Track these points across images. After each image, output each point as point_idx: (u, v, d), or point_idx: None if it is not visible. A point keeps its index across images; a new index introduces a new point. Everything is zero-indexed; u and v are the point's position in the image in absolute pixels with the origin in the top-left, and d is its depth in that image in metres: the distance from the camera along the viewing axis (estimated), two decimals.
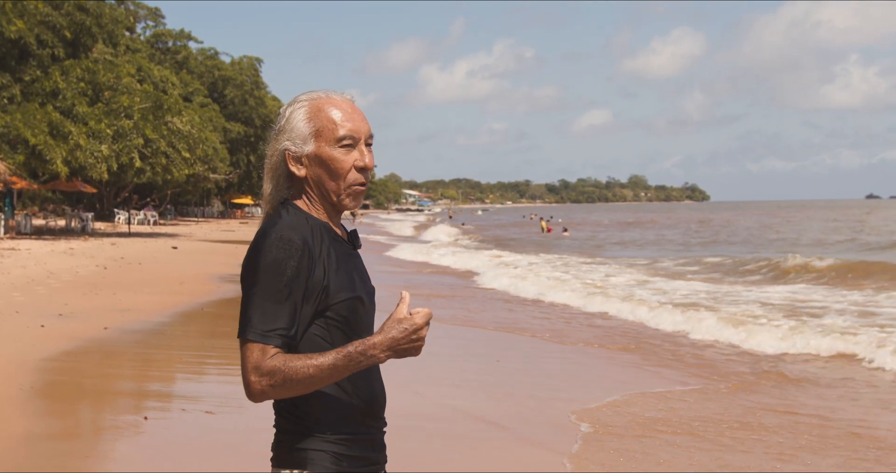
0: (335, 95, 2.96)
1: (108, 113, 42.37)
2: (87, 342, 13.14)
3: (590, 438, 8.83)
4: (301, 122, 2.90)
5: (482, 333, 15.98)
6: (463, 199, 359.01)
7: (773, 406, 10.39)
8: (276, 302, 2.72)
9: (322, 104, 2.92)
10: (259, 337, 2.70)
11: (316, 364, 2.66)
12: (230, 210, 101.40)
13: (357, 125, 2.91)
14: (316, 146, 2.89)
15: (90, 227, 48.60)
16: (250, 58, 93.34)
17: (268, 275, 2.73)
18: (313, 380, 2.68)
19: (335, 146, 2.88)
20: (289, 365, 2.66)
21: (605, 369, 12.97)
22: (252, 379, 2.68)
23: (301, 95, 2.98)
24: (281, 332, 2.72)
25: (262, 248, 2.76)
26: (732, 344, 14.97)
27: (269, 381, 2.67)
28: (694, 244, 54.58)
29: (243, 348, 2.72)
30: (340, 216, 3.02)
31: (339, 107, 2.92)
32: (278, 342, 2.71)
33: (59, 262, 26.46)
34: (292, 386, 2.68)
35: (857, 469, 7.99)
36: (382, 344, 2.67)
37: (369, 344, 2.67)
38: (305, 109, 2.92)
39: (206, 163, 56.60)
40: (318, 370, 2.66)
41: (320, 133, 2.89)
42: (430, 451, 8.19)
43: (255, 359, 2.69)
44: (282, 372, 2.66)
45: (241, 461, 7.49)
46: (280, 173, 2.95)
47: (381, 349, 2.67)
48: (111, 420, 9.17)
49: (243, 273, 2.81)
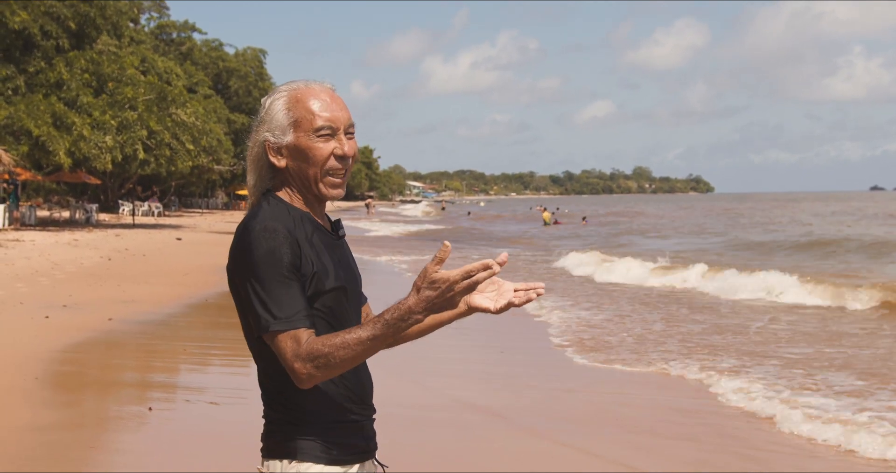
0: (315, 85, 2.95)
1: (112, 104, 42.35)
2: (91, 333, 13.16)
3: (595, 429, 8.84)
4: (280, 113, 2.90)
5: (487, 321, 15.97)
6: (467, 191, 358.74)
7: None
8: (285, 288, 2.71)
9: (300, 94, 2.92)
10: (285, 325, 2.68)
11: (356, 337, 2.62)
12: (234, 201, 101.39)
13: (336, 114, 2.89)
14: (294, 137, 2.88)
15: (94, 219, 48.60)
16: (254, 49, 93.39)
17: (267, 266, 2.71)
18: (358, 354, 2.64)
19: (313, 136, 2.87)
20: (328, 344, 2.63)
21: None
22: (296, 367, 2.65)
23: (281, 86, 2.98)
24: (303, 314, 2.70)
25: (250, 243, 2.75)
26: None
27: (314, 364, 2.63)
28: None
29: (275, 342, 2.69)
30: (324, 206, 3.01)
31: (318, 96, 2.91)
32: (306, 323, 2.69)
33: (64, 254, 26.48)
34: (337, 364, 2.64)
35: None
36: (419, 306, 2.58)
37: (405, 308, 2.59)
38: (284, 100, 2.92)
39: (210, 155, 56.56)
40: (359, 342, 2.62)
41: (299, 123, 2.88)
42: (431, 441, 8.19)
43: (291, 348, 2.66)
44: (322, 352, 2.63)
45: (246, 452, 7.47)
46: (262, 164, 2.95)
47: (417, 311, 2.58)
48: (116, 410, 9.18)
49: (236, 271, 2.80)
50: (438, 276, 2.57)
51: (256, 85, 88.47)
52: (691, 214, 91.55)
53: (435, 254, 2.59)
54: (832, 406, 9.58)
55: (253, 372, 2.94)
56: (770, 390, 10.34)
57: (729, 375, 11.25)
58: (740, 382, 10.76)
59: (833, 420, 8.95)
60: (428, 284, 2.58)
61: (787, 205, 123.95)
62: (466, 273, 2.55)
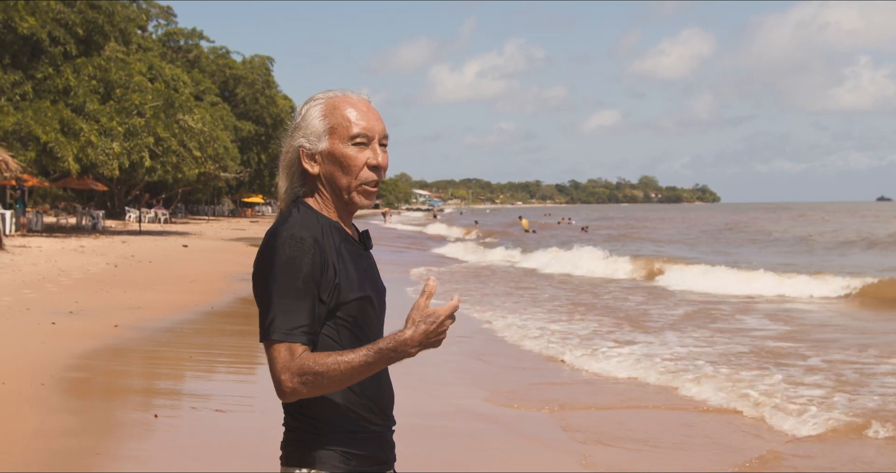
0: (352, 94, 2.97)
1: (119, 111, 42.41)
2: (97, 339, 13.16)
3: (599, 438, 8.82)
4: (316, 120, 2.91)
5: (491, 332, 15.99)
6: (473, 199, 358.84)
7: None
8: (295, 299, 2.72)
9: (338, 102, 2.94)
10: (284, 336, 2.70)
11: (347, 360, 2.66)
12: (241, 208, 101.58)
13: (371, 124, 2.92)
14: (330, 143, 2.90)
15: (101, 225, 48.69)
16: (262, 57, 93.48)
17: (284, 274, 2.72)
18: (344, 377, 2.67)
19: (348, 143, 2.89)
20: (319, 363, 2.65)
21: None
22: (283, 378, 2.68)
23: (318, 94, 2.99)
24: (305, 329, 2.72)
25: (274, 248, 2.76)
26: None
27: (300, 380, 2.66)
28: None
29: (270, 349, 2.72)
30: (352, 215, 3.02)
31: (355, 105, 2.93)
32: (304, 339, 2.71)
33: (70, 260, 26.51)
34: (323, 384, 2.67)
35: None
36: (415, 340, 2.65)
37: (401, 340, 2.65)
38: (321, 107, 2.93)
39: (216, 162, 56.67)
40: (350, 367, 2.66)
41: (334, 130, 2.90)
42: (438, 450, 8.18)
43: (283, 359, 2.69)
44: (312, 370, 2.65)
45: (252, 459, 7.48)
46: (294, 170, 2.95)
47: (413, 344, 2.65)
48: (121, 417, 9.18)
49: (257, 274, 2.81)
50: (432, 311, 2.64)
51: (263, 92, 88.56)
52: (694, 226, 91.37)
53: (423, 289, 2.67)
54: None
55: (258, 379, 2.94)
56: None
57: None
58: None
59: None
60: (424, 317, 2.64)
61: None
62: (453, 309, 2.65)
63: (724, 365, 12.74)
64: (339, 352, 2.68)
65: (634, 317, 18.43)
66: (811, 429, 9.16)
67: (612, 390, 11.30)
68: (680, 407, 10.32)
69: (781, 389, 10.97)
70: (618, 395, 10.99)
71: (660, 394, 11.04)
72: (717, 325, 17.41)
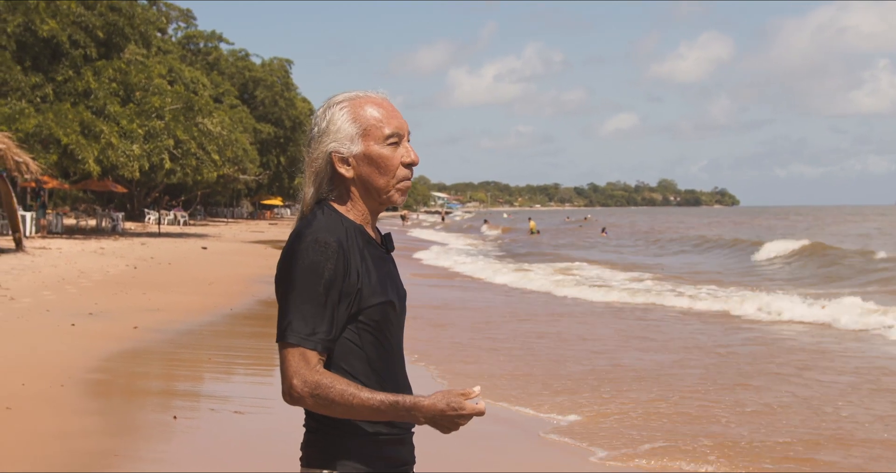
0: (372, 94, 2.96)
1: (139, 113, 42.55)
2: (117, 341, 13.20)
3: (614, 437, 8.80)
4: (346, 123, 2.89)
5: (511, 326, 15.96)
6: (492, 202, 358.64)
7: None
8: (315, 305, 2.71)
9: (362, 103, 2.92)
10: (300, 341, 2.70)
11: (362, 398, 2.67)
12: (260, 211, 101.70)
13: (400, 122, 2.92)
14: (364, 145, 2.88)
15: (121, 227, 48.84)
16: (280, 59, 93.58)
17: (306, 278, 2.72)
18: (351, 411, 2.69)
19: (383, 144, 2.88)
20: (336, 388, 2.67)
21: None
22: (294, 383, 2.68)
23: (336, 97, 2.96)
24: (322, 336, 2.72)
25: (298, 251, 2.75)
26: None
27: (311, 392, 2.67)
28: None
29: (284, 352, 2.72)
30: (377, 217, 3.01)
31: (380, 105, 2.93)
32: (319, 347, 2.71)
33: (90, 262, 26.60)
34: (330, 407, 2.69)
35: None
36: (428, 411, 2.68)
37: (417, 405, 2.68)
38: (348, 110, 2.91)
39: (236, 165, 56.80)
40: (362, 405, 2.67)
41: (367, 132, 2.88)
42: (453, 450, 8.17)
43: (296, 363, 2.69)
44: (326, 389, 2.67)
45: (271, 461, 7.49)
46: (324, 176, 2.92)
47: (425, 414, 2.68)
48: (140, 419, 9.21)
49: (279, 276, 2.81)
50: (460, 402, 2.67)
51: (282, 95, 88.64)
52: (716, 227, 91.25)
53: (465, 390, 2.70)
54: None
55: (277, 381, 2.94)
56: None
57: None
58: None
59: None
60: (449, 400, 2.67)
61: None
62: (475, 413, 2.67)
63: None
64: (358, 387, 2.69)
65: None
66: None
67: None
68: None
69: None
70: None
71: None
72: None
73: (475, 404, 2.69)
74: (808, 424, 9.62)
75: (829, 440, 9.02)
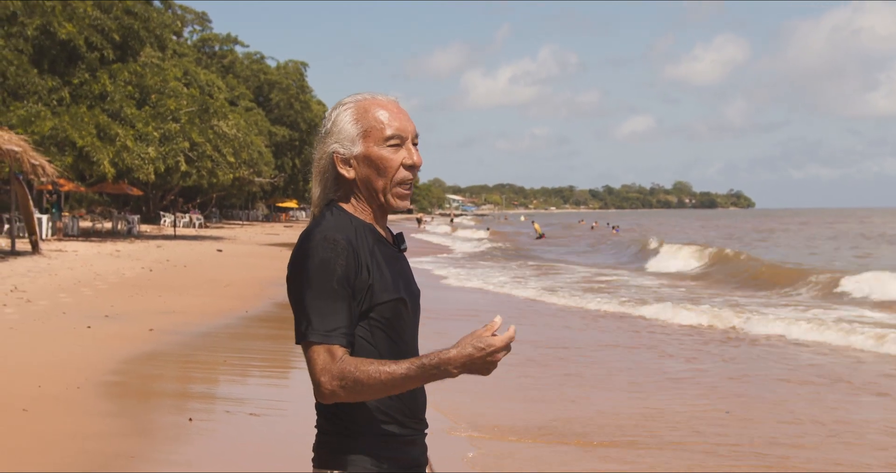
0: (380, 96, 2.97)
1: (154, 116, 42.67)
2: (132, 343, 13.22)
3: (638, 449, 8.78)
4: (348, 124, 2.91)
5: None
6: (507, 204, 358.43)
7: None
8: (331, 301, 2.72)
9: (368, 105, 2.93)
10: (322, 338, 2.70)
11: (389, 371, 2.65)
12: (275, 213, 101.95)
13: (403, 124, 2.92)
14: (364, 146, 2.90)
15: (136, 230, 48.99)
16: (296, 62, 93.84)
17: (319, 276, 2.73)
18: (384, 387, 2.67)
19: (383, 145, 2.89)
20: (361, 369, 2.66)
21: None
22: (322, 380, 2.68)
23: (346, 98, 2.99)
24: (343, 331, 2.72)
25: (308, 250, 2.76)
26: None
27: (340, 383, 2.67)
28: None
29: (308, 351, 2.72)
30: (386, 218, 3.02)
31: (385, 107, 2.93)
32: (343, 341, 2.71)
33: (106, 264, 26.68)
34: (362, 390, 2.68)
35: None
36: (457, 360, 2.63)
37: (444, 358, 2.64)
38: (352, 111, 2.93)
39: (251, 167, 56.93)
40: (391, 377, 2.65)
41: (368, 133, 2.90)
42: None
43: (322, 361, 2.69)
44: (353, 375, 2.66)
45: (285, 463, 7.49)
46: (328, 176, 2.95)
47: (455, 364, 2.63)
48: (156, 421, 9.22)
49: (291, 277, 2.81)
50: (487, 340, 2.61)
51: (297, 97, 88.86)
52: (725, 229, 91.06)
53: (486, 325, 2.65)
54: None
55: (293, 383, 2.95)
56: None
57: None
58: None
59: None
60: (475, 343, 2.62)
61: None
62: (508, 340, 2.62)
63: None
64: (382, 362, 2.67)
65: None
66: None
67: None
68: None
69: None
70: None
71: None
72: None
73: (508, 331, 2.64)
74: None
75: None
